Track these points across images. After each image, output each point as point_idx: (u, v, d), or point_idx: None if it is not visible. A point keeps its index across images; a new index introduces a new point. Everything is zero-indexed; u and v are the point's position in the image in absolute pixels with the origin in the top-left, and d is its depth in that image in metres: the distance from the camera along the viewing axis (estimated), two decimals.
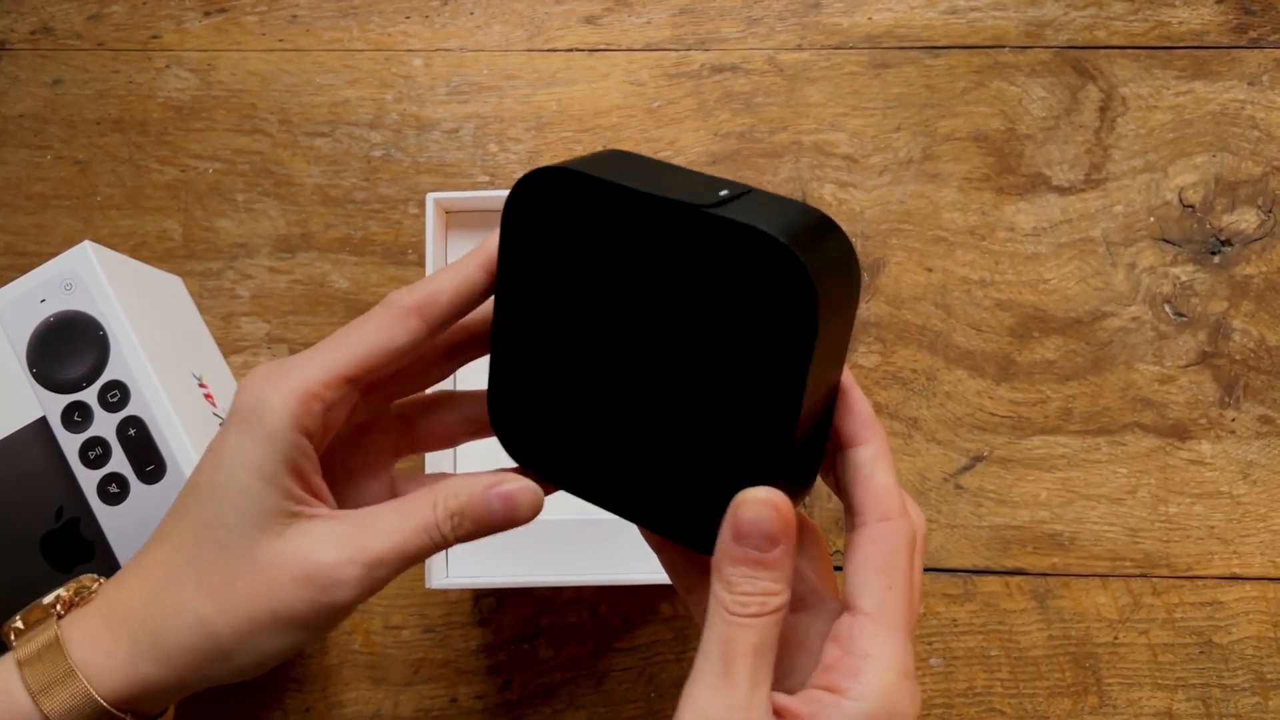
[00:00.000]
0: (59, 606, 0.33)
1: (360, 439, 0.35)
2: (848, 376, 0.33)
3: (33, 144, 0.56)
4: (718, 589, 0.29)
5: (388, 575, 0.31)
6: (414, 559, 0.31)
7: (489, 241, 0.33)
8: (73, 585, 0.33)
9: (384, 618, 0.52)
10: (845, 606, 0.30)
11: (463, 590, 0.52)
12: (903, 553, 0.30)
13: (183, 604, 0.31)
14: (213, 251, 0.55)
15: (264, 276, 0.55)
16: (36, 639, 0.32)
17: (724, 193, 0.30)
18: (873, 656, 0.28)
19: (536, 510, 0.32)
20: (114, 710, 0.31)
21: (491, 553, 0.48)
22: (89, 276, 0.45)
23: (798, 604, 0.32)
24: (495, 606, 0.52)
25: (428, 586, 0.45)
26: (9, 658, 0.32)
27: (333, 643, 0.52)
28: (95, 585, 0.34)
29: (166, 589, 0.31)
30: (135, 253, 0.55)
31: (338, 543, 0.30)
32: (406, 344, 0.32)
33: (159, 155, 0.56)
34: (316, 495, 0.32)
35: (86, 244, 0.45)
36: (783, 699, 0.28)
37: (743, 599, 0.29)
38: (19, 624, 0.33)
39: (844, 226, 0.55)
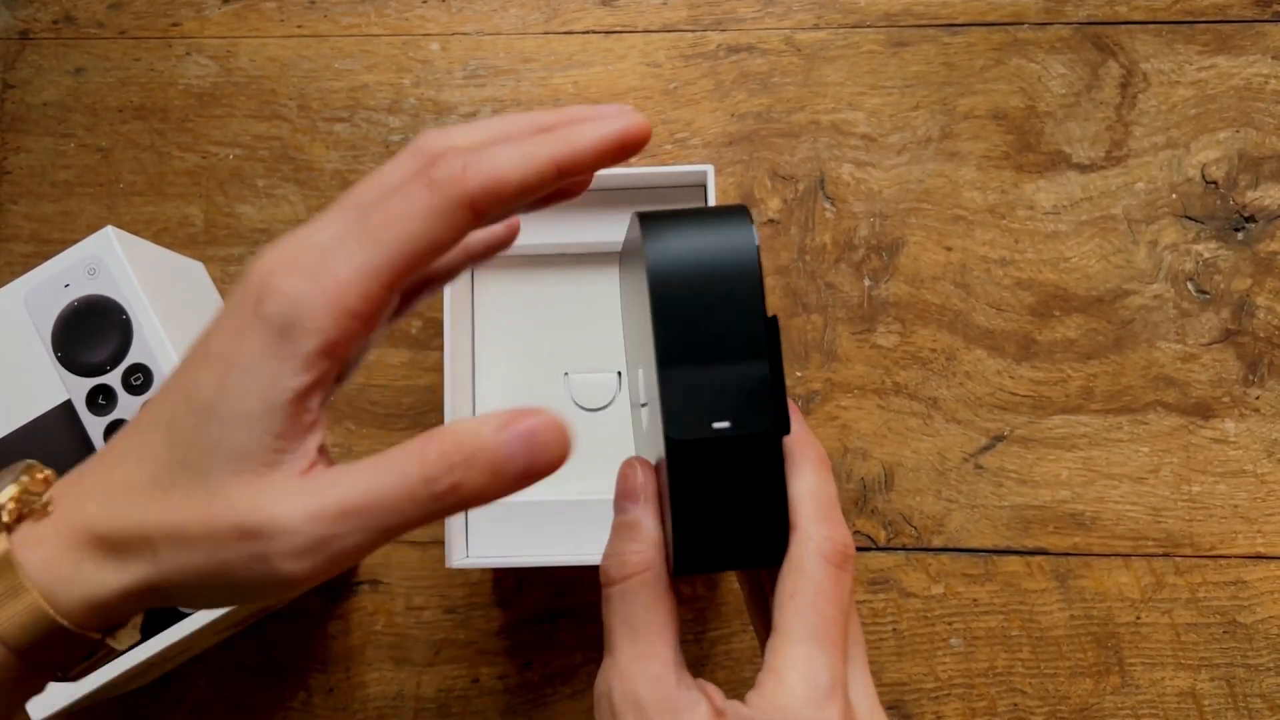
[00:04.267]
0: (4, 516, 0.26)
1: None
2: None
3: (56, 132, 0.57)
4: None
5: (343, 550, 0.24)
6: (382, 530, 0.24)
7: (551, 121, 0.26)
8: (15, 490, 0.27)
9: (406, 599, 0.53)
10: None
11: (483, 571, 0.53)
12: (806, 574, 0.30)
13: (144, 531, 0.25)
14: (234, 237, 0.56)
15: None
16: None
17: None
18: (774, 670, 0.29)
19: (563, 455, 0.25)
20: (74, 628, 0.25)
21: (511, 532, 0.49)
22: (112, 261, 0.45)
23: None
24: (516, 587, 0.53)
25: (448, 565, 0.46)
26: None
27: (355, 623, 0.53)
28: (45, 492, 0.27)
29: (130, 510, 0.25)
30: (158, 238, 0.55)
31: (292, 497, 0.24)
32: (452, 244, 0.25)
33: (180, 142, 0.56)
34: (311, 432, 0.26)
35: (109, 229, 0.46)
36: (721, 702, 0.30)
37: (606, 566, 0.31)
38: None
39: (862, 206, 0.55)
